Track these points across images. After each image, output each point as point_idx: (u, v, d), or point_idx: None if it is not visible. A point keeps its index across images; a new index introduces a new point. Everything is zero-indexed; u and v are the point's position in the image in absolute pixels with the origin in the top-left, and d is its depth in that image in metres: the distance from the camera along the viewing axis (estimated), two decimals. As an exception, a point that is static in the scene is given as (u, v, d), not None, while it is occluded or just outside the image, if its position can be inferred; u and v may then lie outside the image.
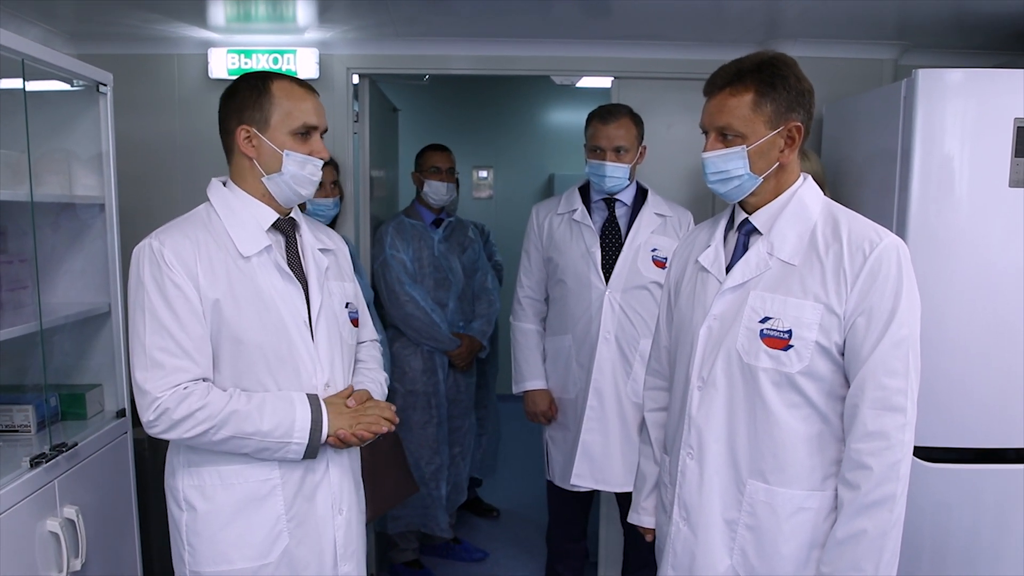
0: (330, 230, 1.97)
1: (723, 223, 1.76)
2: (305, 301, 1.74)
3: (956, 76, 2.42)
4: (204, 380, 1.64)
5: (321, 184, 2.75)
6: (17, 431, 2.21)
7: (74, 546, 2.03)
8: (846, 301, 1.53)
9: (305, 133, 1.70)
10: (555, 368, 2.85)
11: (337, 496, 1.77)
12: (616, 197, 2.74)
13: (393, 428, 1.77)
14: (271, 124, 1.68)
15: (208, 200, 1.75)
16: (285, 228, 1.78)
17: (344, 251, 1.94)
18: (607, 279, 2.67)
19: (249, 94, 1.69)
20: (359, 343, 1.98)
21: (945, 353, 2.46)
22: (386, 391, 1.97)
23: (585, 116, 2.78)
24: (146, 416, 1.60)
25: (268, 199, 1.73)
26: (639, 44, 3.28)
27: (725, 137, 1.59)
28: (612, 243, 2.72)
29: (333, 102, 3.30)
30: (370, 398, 1.81)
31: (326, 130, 1.76)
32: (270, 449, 1.64)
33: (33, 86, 2.05)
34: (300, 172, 1.70)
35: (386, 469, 2.88)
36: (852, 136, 2.83)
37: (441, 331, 3.29)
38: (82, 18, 2.94)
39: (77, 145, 2.38)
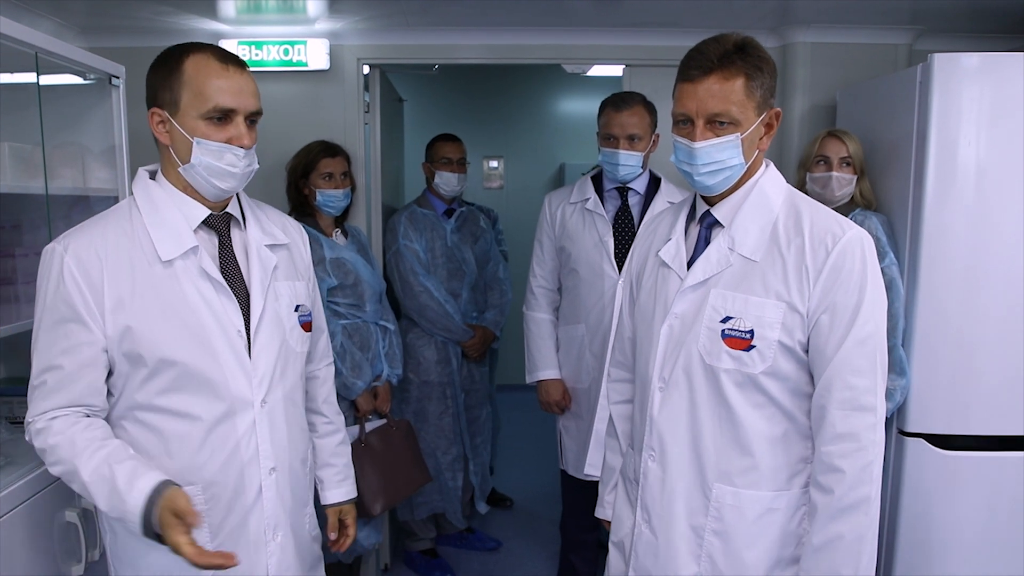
0: (288, 219, 1.76)
1: (684, 214, 1.68)
2: (242, 309, 1.54)
3: (972, 60, 2.40)
4: (86, 409, 1.48)
5: (331, 175, 2.81)
6: (35, 423, 2.23)
7: (92, 537, 2.05)
8: (809, 298, 1.46)
9: (221, 117, 1.46)
10: (568, 357, 2.85)
11: (271, 520, 1.59)
12: (629, 186, 2.73)
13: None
14: (181, 106, 1.46)
15: (133, 194, 1.56)
16: (218, 225, 1.56)
17: (299, 244, 1.74)
18: (620, 268, 2.66)
19: (161, 70, 1.48)
20: (312, 365, 1.82)
21: (961, 340, 2.45)
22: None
23: (596, 105, 2.77)
24: (27, 437, 1.50)
25: (193, 191, 1.53)
26: (651, 31, 3.26)
27: (717, 125, 1.48)
28: (625, 232, 2.71)
29: (344, 93, 3.30)
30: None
31: (257, 113, 1.52)
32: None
33: (46, 80, 2.06)
34: (215, 163, 1.47)
35: (398, 460, 2.88)
36: (866, 122, 2.81)
37: (455, 322, 3.29)
38: (93, 11, 2.94)
39: (90, 138, 2.39)
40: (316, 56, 3.22)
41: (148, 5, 2.84)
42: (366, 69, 3.37)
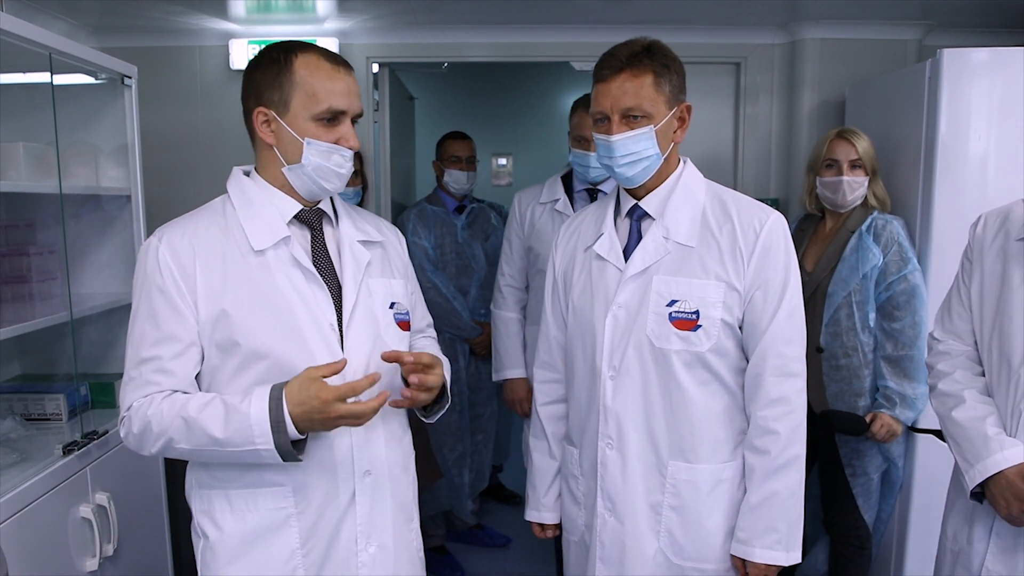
0: (381, 220, 1.73)
1: (610, 210, 1.74)
2: (335, 303, 1.49)
3: (982, 55, 2.39)
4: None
5: (341, 173, 2.81)
6: (49, 419, 2.25)
7: (106, 532, 2.07)
8: (744, 277, 1.58)
9: (331, 119, 1.45)
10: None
11: (366, 529, 1.51)
12: (599, 187, 2.67)
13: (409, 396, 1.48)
14: (291, 107, 1.44)
15: (227, 191, 1.54)
16: (311, 220, 1.54)
17: (395, 243, 1.70)
18: None
19: (268, 70, 1.45)
20: (416, 332, 1.72)
21: (971, 336, 2.44)
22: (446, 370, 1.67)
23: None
24: (120, 432, 1.46)
25: (289, 189, 1.51)
26: (659, 28, 3.23)
27: (630, 119, 1.58)
28: None
29: (353, 91, 3.32)
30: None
31: (360, 114, 1.50)
32: (245, 457, 1.39)
33: (59, 80, 2.08)
34: (324, 164, 1.46)
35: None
36: (876, 118, 2.80)
37: (462, 319, 3.29)
38: (105, 11, 2.97)
39: (102, 138, 2.41)
40: (325, 55, 3.23)
41: (160, 5, 2.85)
42: (375, 67, 3.39)
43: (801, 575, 2.76)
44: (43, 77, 2.03)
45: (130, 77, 2.38)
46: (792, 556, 1.61)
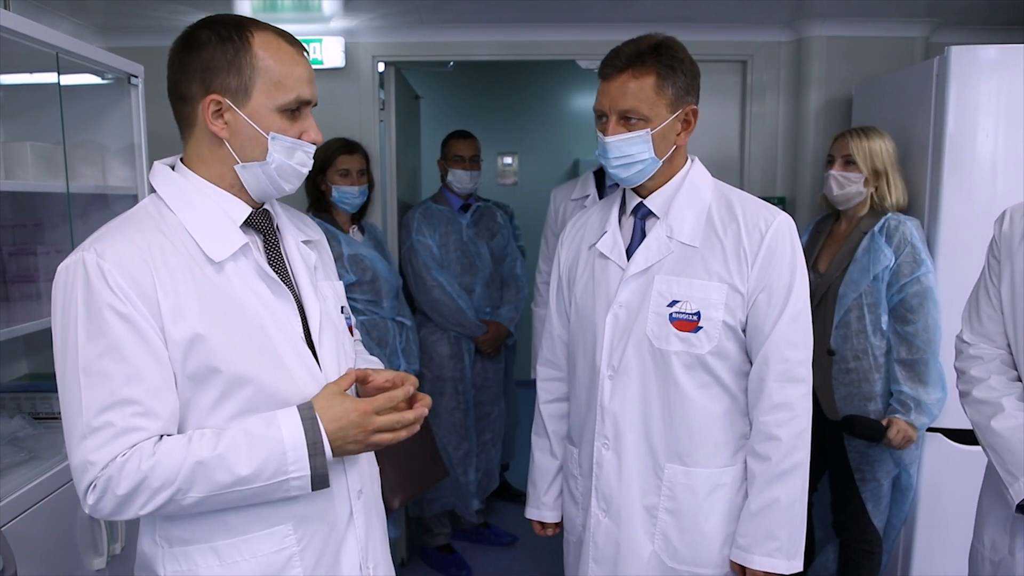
0: (306, 217, 1.54)
1: (616, 208, 1.72)
2: (299, 313, 1.33)
3: (990, 53, 2.38)
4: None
5: (348, 172, 2.82)
6: (57, 418, 2.25)
7: (113, 531, 2.07)
8: (748, 279, 1.55)
9: (296, 109, 1.26)
10: None
11: (364, 548, 1.37)
12: None
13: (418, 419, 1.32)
14: (252, 95, 1.23)
15: (154, 191, 1.30)
16: (261, 224, 1.34)
17: (324, 242, 1.53)
18: None
19: (220, 50, 1.23)
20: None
21: (979, 335, 2.43)
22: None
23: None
24: (87, 500, 1.16)
25: (238, 188, 1.29)
26: (665, 26, 3.19)
27: (628, 120, 1.56)
28: None
29: (359, 91, 3.32)
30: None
31: (316, 104, 1.32)
32: (266, 494, 1.21)
33: (66, 79, 2.09)
34: (287, 162, 1.27)
35: (416, 453, 2.89)
36: (883, 116, 2.79)
37: (467, 317, 3.30)
38: (111, 11, 2.97)
39: (109, 137, 2.42)
40: (332, 54, 3.24)
41: (165, 4, 2.86)
42: (381, 67, 3.39)
43: (813, 575, 2.76)
44: (50, 77, 2.04)
45: (136, 76, 2.39)
46: (793, 564, 1.57)
